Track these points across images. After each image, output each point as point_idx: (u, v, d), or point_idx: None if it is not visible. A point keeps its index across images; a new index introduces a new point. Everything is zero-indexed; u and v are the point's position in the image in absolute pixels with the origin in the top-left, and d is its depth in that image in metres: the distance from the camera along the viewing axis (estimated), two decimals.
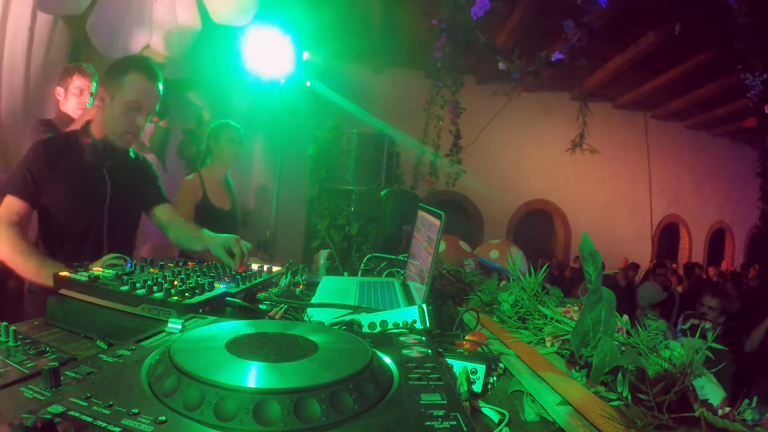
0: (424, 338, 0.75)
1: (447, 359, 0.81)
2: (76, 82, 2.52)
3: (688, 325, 2.99)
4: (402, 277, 1.65)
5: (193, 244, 1.71)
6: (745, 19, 2.94)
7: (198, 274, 1.19)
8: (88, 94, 2.54)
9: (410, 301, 1.26)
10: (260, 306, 1.10)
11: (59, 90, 2.58)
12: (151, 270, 1.19)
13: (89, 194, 1.59)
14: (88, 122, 1.63)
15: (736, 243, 10.05)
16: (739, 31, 2.98)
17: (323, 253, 1.95)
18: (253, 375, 0.50)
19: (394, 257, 1.85)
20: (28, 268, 1.37)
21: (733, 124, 8.32)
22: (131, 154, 1.73)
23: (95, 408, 0.45)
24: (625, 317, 0.97)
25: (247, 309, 1.02)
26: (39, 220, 1.57)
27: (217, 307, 0.98)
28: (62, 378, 0.50)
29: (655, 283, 4.47)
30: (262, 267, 1.44)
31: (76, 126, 1.98)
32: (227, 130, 2.66)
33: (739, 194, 9.38)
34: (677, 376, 0.66)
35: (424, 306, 0.92)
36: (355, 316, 0.95)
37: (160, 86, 1.62)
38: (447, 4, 3.83)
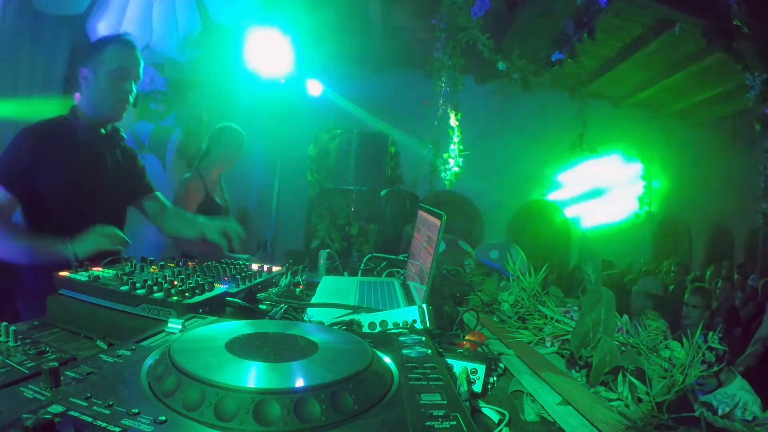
0: (424, 338, 0.75)
1: (447, 359, 0.81)
2: None
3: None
4: (402, 277, 1.65)
5: (190, 231, 1.71)
6: (745, 19, 2.94)
7: (198, 274, 1.19)
8: None
9: (410, 301, 1.26)
10: (260, 306, 1.10)
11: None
12: (151, 270, 1.19)
13: (83, 180, 1.54)
14: (75, 106, 1.61)
15: (736, 243, 10.05)
16: (739, 31, 2.98)
17: (323, 253, 1.95)
18: (253, 375, 0.50)
19: (394, 257, 1.85)
20: (22, 251, 1.35)
21: (733, 124, 8.31)
22: (122, 134, 1.71)
23: (95, 408, 0.45)
24: (625, 317, 0.97)
25: (247, 309, 1.02)
26: (23, 211, 1.49)
27: (217, 307, 0.98)
28: (62, 378, 0.50)
29: (655, 279, 4.31)
30: (262, 267, 1.44)
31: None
32: (230, 134, 2.65)
33: (739, 194, 9.36)
34: (677, 377, 0.66)
35: (424, 306, 0.92)
36: (355, 316, 0.95)
37: (138, 53, 1.62)
38: (447, 4, 3.84)
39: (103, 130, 1.61)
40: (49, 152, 1.48)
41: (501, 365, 0.92)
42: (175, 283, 1.00)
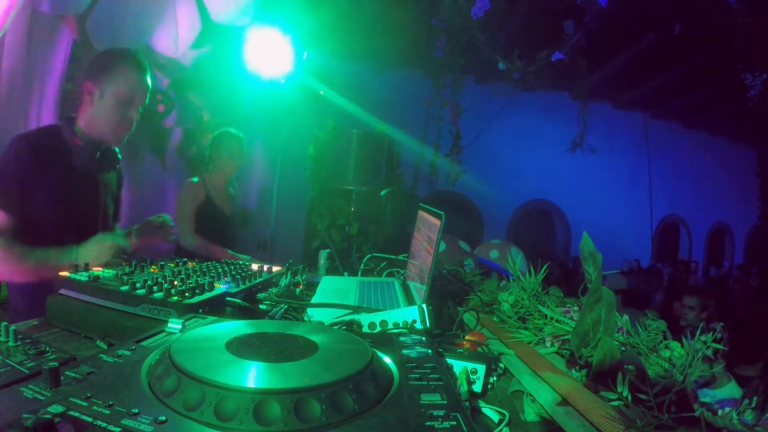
0: (424, 338, 0.75)
1: (447, 359, 0.81)
2: None
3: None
4: (402, 277, 1.65)
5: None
6: (745, 19, 2.94)
7: (198, 274, 1.19)
8: None
9: (410, 301, 1.26)
10: (260, 306, 1.10)
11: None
12: (151, 270, 1.19)
13: (74, 201, 1.46)
14: (73, 118, 1.49)
15: (736, 243, 10.06)
16: (739, 31, 2.99)
17: (323, 253, 1.95)
18: (253, 375, 0.50)
19: (394, 257, 1.85)
20: (30, 270, 1.31)
21: (733, 124, 8.31)
22: (118, 156, 1.59)
23: (95, 408, 0.45)
24: (625, 317, 0.97)
25: (247, 309, 1.02)
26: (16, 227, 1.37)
27: (217, 307, 0.98)
28: (62, 378, 0.50)
29: (620, 276, 4.24)
30: (262, 267, 1.44)
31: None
32: (228, 141, 2.65)
33: (739, 194, 9.38)
34: (677, 376, 0.66)
35: (424, 306, 0.92)
36: (355, 316, 0.95)
37: (149, 78, 1.53)
38: (447, 4, 3.83)
39: (98, 154, 1.47)
40: (42, 166, 1.37)
41: (501, 365, 0.92)
42: (175, 283, 1.00)
